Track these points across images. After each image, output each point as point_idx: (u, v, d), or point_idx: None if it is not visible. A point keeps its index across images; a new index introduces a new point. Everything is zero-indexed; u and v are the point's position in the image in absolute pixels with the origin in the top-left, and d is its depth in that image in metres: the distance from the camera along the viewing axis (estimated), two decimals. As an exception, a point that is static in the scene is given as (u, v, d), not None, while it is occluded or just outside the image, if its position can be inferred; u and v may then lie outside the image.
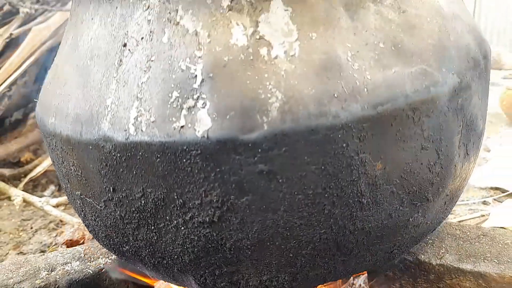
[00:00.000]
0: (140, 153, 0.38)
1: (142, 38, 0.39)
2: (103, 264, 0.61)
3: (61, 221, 1.18)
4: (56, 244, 1.04)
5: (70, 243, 0.96)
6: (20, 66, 1.26)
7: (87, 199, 0.45)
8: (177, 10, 0.38)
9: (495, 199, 1.25)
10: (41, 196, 1.34)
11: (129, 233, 0.44)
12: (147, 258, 0.45)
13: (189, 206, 0.39)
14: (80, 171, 0.43)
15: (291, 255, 0.41)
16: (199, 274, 0.44)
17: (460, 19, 0.45)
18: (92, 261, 0.62)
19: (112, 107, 0.39)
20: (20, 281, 0.58)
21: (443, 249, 0.58)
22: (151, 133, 0.37)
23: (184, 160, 0.37)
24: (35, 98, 1.63)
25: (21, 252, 1.16)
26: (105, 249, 0.65)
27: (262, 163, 0.36)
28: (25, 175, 1.44)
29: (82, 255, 0.64)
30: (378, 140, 0.37)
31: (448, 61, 0.41)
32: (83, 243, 0.94)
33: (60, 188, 1.46)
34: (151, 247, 0.43)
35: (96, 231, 0.49)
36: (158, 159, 0.37)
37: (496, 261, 0.54)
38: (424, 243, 0.60)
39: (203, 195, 0.38)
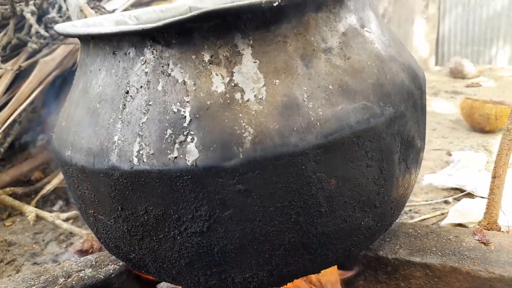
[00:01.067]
0: (142, 179, 0.44)
1: (141, 86, 0.46)
2: (112, 270, 0.67)
3: (70, 233, 1.22)
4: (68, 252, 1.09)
5: (80, 252, 1.01)
6: (30, 95, 1.31)
7: (99, 216, 0.51)
8: (168, 64, 0.45)
9: (455, 199, 1.33)
10: (50, 211, 1.39)
11: (135, 243, 0.50)
12: (150, 263, 0.51)
13: (183, 220, 0.45)
14: (93, 194, 0.50)
15: (267, 255, 0.47)
16: (193, 275, 0.50)
17: (396, 60, 0.52)
18: (103, 268, 0.68)
19: (119, 142, 0.46)
20: (41, 288, 0.64)
21: (398, 245, 0.65)
22: (151, 163, 0.43)
23: (178, 184, 0.43)
24: (42, 122, 1.67)
25: (35, 263, 1.20)
26: (113, 257, 0.71)
27: (239, 184, 0.42)
28: (36, 192, 1.48)
29: (94, 262, 0.70)
30: (331, 162, 0.44)
31: (385, 96, 0.48)
32: (92, 252, 0.99)
33: (68, 203, 1.51)
34: (153, 254, 0.50)
35: (107, 242, 0.55)
36: (157, 184, 0.44)
37: (440, 254, 0.62)
38: (382, 241, 0.67)
39: (194, 211, 0.44)
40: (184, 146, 0.43)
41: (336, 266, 0.78)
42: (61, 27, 0.54)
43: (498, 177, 0.84)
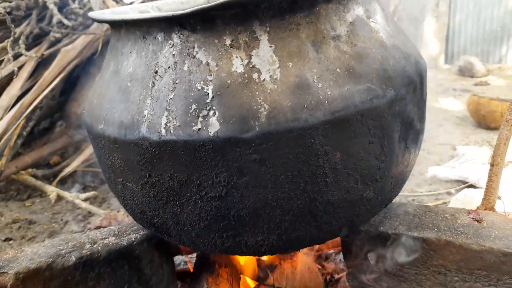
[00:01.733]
0: (169, 149, 0.50)
1: (169, 67, 0.52)
2: (134, 238, 0.73)
3: (88, 213, 1.29)
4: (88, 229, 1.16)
5: (99, 229, 1.08)
6: (52, 82, 1.38)
7: (128, 183, 0.58)
8: (193, 47, 0.51)
9: (457, 190, 1.38)
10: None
11: (159, 208, 0.56)
12: (173, 226, 0.57)
13: (203, 185, 0.51)
14: (123, 163, 0.56)
15: (277, 220, 0.53)
16: (211, 237, 0.56)
17: (399, 48, 0.57)
18: (125, 236, 0.74)
19: (148, 116, 0.51)
20: (70, 251, 0.70)
21: (397, 222, 0.71)
22: (177, 134, 0.49)
23: (201, 153, 0.49)
24: (60, 109, 1.75)
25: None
26: (135, 227, 0.77)
27: (255, 153, 0.48)
28: (54, 175, 1.56)
29: (116, 232, 0.76)
30: (337, 137, 0.50)
31: (387, 80, 0.53)
32: (110, 229, 1.06)
33: (85, 187, 1.58)
34: (175, 218, 0.56)
35: (133, 208, 0.61)
36: (182, 152, 0.50)
37: (436, 229, 0.67)
38: (383, 218, 0.72)
39: (214, 177, 0.50)
40: (206, 119, 0.48)
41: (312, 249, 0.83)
42: (95, 14, 0.60)
43: (496, 165, 0.89)
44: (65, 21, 1.35)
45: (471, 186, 1.38)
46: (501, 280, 0.60)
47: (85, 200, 1.24)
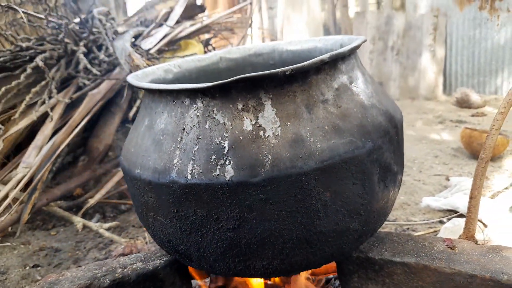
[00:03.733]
0: (194, 190, 0.63)
1: (194, 125, 0.66)
2: (158, 264, 0.85)
3: (110, 241, 1.42)
4: (111, 256, 1.27)
5: (122, 256, 1.20)
6: (80, 122, 1.54)
7: (158, 217, 0.71)
8: (213, 110, 0.65)
9: (448, 219, 1.48)
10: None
11: (184, 237, 0.69)
12: (194, 253, 0.70)
13: (220, 219, 0.64)
14: (155, 201, 0.69)
15: (279, 247, 0.65)
16: (225, 262, 0.69)
17: (376, 107, 0.71)
18: (150, 262, 0.86)
19: (177, 164, 0.65)
20: (104, 275, 0.82)
21: (384, 249, 0.82)
22: (200, 179, 0.63)
23: (219, 193, 0.62)
24: (83, 144, 1.90)
25: (79, 266, 1.39)
26: (159, 253, 0.90)
27: (261, 194, 0.61)
28: (77, 206, 1.70)
29: (143, 258, 0.88)
30: (326, 180, 0.63)
31: (366, 134, 0.67)
32: (132, 256, 1.18)
33: (105, 217, 1.71)
34: (197, 245, 0.68)
35: (161, 238, 0.74)
36: (204, 193, 0.63)
37: (415, 255, 0.78)
38: (372, 245, 0.84)
39: (229, 213, 0.63)
40: (223, 167, 0.62)
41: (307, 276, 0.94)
42: (134, 81, 0.75)
43: (474, 197, 1.01)
44: (94, 70, 1.53)
45: (461, 215, 1.49)
46: (470, 298, 0.71)
47: (108, 229, 1.36)
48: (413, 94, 4.02)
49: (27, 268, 1.39)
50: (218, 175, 0.62)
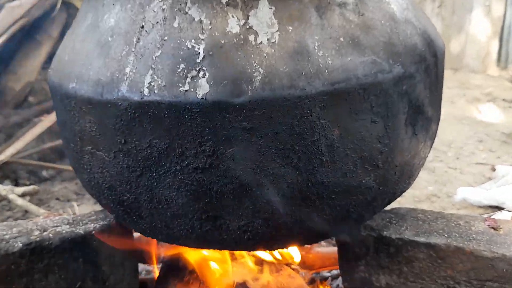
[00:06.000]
0: (151, 111, 0.63)
1: (157, 22, 0.65)
2: (92, 228, 0.85)
3: (26, 212, 1.40)
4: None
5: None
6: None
7: (97, 152, 0.70)
8: (186, 3, 0.64)
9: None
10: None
11: (132, 181, 0.68)
12: (145, 204, 0.70)
13: (186, 155, 0.64)
14: (95, 127, 0.68)
15: (264, 201, 0.66)
16: (188, 219, 0.69)
17: (412, 23, 0.72)
18: (82, 225, 0.85)
19: (130, 74, 0.64)
20: (15, 237, 0.82)
21: (404, 227, 0.84)
22: (161, 95, 0.62)
23: (186, 117, 0.62)
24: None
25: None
26: (93, 217, 0.89)
27: (245, 121, 0.61)
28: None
29: (71, 221, 0.88)
30: (335, 110, 0.63)
31: (395, 55, 0.67)
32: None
33: (17, 184, 1.69)
34: (150, 193, 0.68)
35: (100, 184, 0.73)
36: (165, 115, 0.62)
37: (446, 235, 0.80)
38: (388, 223, 0.86)
39: (198, 146, 0.63)
40: (195, 80, 0.61)
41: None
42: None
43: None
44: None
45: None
46: (513, 292, 0.74)
47: (22, 195, 1.34)
48: (456, 63, 4.08)
49: None
50: (187, 91, 0.61)
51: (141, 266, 1.08)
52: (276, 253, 1.05)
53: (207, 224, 0.69)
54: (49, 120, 1.72)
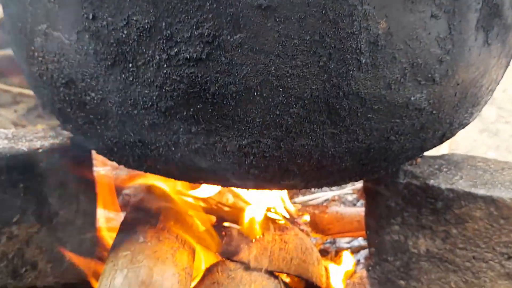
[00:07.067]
0: (133, -26, 0.62)
1: None
2: (39, 146, 0.84)
3: None
4: None
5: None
6: None
7: (54, 32, 0.69)
8: None
9: None
10: None
11: (100, 74, 0.68)
12: (115, 107, 0.69)
13: (176, 40, 0.63)
14: (53, -3, 0.67)
15: (277, 112, 0.65)
16: (172, 130, 0.68)
17: None
18: (25, 142, 0.85)
19: None
20: None
21: (458, 176, 0.84)
22: (149, -48, 0.61)
23: (180, -15, 0.61)
24: None
25: None
26: (40, 134, 0.90)
27: (261, -4, 0.60)
28: None
29: (10, 136, 0.87)
30: (385, -5, 0.62)
31: None
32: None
33: None
34: (123, 91, 0.67)
35: (54, 78, 0.72)
36: (152, -18, 0.61)
37: (513, 189, 0.80)
38: (437, 170, 0.86)
39: (194, 27, 0.62)
40: None
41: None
42: None
43: None
44: None
45: None
46: None
47: None
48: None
49: None
50: (184, -51, 0.60)
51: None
52: (283, 211, 1.06)
53: (197, 140, 0.68)
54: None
